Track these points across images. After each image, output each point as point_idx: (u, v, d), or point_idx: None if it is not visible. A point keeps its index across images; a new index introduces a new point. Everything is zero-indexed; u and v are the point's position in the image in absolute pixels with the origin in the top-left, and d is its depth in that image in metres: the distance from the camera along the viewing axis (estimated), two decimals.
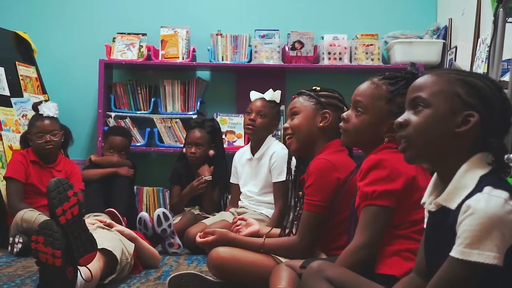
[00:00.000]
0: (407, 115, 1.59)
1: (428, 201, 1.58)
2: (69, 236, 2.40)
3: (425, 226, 1.63)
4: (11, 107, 4.70)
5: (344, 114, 2.23)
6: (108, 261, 2.75)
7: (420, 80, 1.60)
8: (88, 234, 2.50)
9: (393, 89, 2.12)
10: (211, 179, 4.34)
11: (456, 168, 1.49)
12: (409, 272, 1.72)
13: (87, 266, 2.48)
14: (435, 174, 1.60)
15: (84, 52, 5.45)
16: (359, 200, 2.00)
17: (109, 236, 2.98)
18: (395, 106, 2.08)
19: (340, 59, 5.14)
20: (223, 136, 4.90)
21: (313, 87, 2.73)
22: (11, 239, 3.80)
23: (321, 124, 2.62)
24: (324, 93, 2.70)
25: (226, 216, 4.06)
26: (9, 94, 4.73)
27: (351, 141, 2.26)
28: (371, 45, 5.16)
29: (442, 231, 1.49)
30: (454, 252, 1.36)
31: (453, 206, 1.46)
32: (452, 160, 1.51)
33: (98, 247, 2.59)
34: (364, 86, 2.19)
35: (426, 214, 1.62)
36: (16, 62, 4.97)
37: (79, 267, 2.46)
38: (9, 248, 3.79)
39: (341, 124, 2.24)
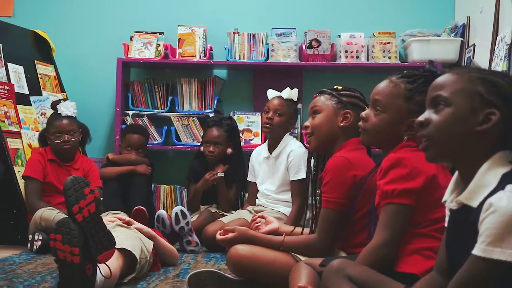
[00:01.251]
0: (428, 114, 1.58)
1: (450, 199, 1.58)
2: (86, 234, 2.41)
3: (446, 224, 1.63)
4: (30, 105, 4.75)
5: (363, 114, 2.22)
6: (127, 260, 2.77)
7: (441, 78, 1.60)
8: (106, 231, 2.51)
9: (411, 87, 2.12)
10: (223, 175, 4.36)
11: (478, 166, 1.48)
12: (429, 271, 1.72)
13: (106, 263, 2.50)
14: (456, 172, 1.60)
15: (101, 51, 5.49)
16: (379, 198, 2.00)
17: (128, 234, 3.00)
18: (414, 104, 2.09)
19: (357, 57, 5.13)
20: (240, 135, 4.92)
21: (335, 86, 2.72)
22: (30, 236, 3.83)
23: (342, 124, 2.61)
24: (345, 92, 2.68)
25: (243, 214, 4.07)
26: (28, 93, 4.78)
27: (370, 140, 2.26)
28: (388, 43, 5.15)
29: (463, 229, 1.49)
30: (476, 250, 1.36)
31: (475, 204, 1.45)
32: (474, 158, 1.50)
33: (118, 247, 2.61)
34: (383, 85, 2.19)
35: (447, 213, 1.62)
36: (35, 61, 5.02)
37: (98, 264, 2.48)
38: (29, 245, 3.83)
39: (360, 123, 2.24)
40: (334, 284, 1.75)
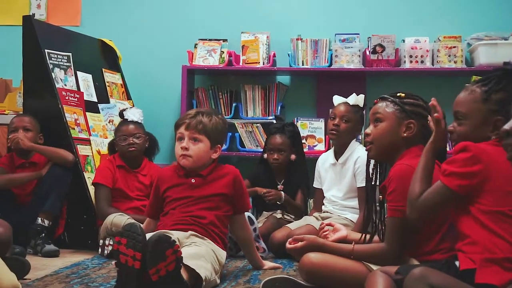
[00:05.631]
0: None
1: None
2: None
3: None
4: (99, 113, 4.85)
5: (450, 126, 2.29)
6: (191, 277, 2.67)
7: None
8: (182, 281, 2.50)
9: (486, 88, 2.17)
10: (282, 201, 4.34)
11: None
12: (510, 283, 1.70)
13: None
14: None
15: (166, 59, 5.58)
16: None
17: (199, 249, 2.88)
18: (493, 103, 2.15)
19: (422, 62, 5.07)
20: (304, 141, 4.92)
21: (397, 93, 2.67)
22: (101, 241, 3.91)
23: (405, 135, 2.59)
24: (408, 100, 2.63)
25: (310, 220, 4.05)
26: (96, 100, 4.88)
27: None
28: (454, 47, 5.08)
29: None
30: None
31: None
32: None
33: (183, 263, 2.57)
34: (460, 95, 2.26)
35: None
36: (103, 69, 5.13)
37: None
38: (99, 250, 3.91)
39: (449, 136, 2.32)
40: None
